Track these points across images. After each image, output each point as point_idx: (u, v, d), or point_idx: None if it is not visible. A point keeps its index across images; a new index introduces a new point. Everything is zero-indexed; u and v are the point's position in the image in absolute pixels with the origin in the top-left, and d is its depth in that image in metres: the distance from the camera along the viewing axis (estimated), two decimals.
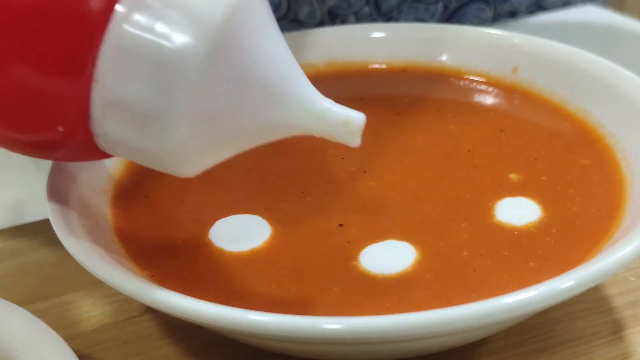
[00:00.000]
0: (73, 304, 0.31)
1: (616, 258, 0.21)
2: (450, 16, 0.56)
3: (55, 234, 0.24)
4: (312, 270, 0.25)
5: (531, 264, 0.24)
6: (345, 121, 0.22)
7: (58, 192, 0.26)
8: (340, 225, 0.27)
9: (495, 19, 0.59)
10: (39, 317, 0.30)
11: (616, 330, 0.27)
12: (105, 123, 0.20)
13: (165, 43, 0.18)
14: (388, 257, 0.25)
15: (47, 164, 0.28)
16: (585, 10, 0.68)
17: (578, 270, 0.21)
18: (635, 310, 0.28)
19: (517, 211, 0.27)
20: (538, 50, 0.36)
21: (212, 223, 0.27)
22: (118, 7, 0.19)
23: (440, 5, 0.54)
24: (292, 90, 0.21)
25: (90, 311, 0.30)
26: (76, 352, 0.28)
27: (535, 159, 0.31)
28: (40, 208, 0.28)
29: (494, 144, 0.32)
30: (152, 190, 0.30)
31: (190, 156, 0.20)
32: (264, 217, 0.28)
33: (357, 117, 0.22)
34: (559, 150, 0.31)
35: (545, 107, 0.35)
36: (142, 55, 0.18)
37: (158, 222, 0.28)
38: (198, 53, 0.18)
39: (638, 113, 0.29)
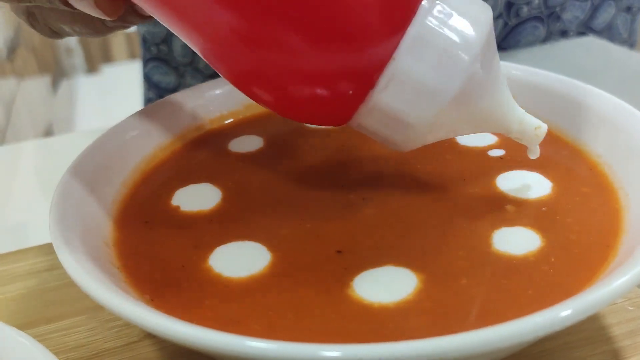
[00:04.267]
0: (74, 329, 0.31)
1: (614, 287, 0.21)
2: (509, 32, 0.58)
3: (57, 258, 0.24)
4: (310, 297, 0.25)
5: (529, 292, 0.24)
6: (537, 126, 0.28)
7: (61, 216, 0.27)
8: (339, 251, 0.27)
9: (547, 38, 0.61)
10: (40, 341, 0.30)
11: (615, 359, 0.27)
12: (382, 93, 0.25)
13: (455, 38, 0.24)
14: (386, 285, 0.25)
15: (50, 189, 0.29)
16: (586, 41, 0.69)
17: (576, 298, 0.21)
18: (633, 339, 0.28)
19: (515, 240, 0.27)
20: (535, 81, 0.36)
21: (212, 249, 0.28)
22: (424, 3, 0.24)
23: (500, 22, 0.57)
24: (504, 102, 0.27)
25: (91, 336, 0.30)
26: None
27: (536, 187, 0.31)
28: (43, 232, 0.29)
29: (491, 173, 0.32)
30: (152, 216, 0.30)
31: (427, 129, 0.26)
32: (263, 244, 0.28)
33: (544, 125, 0.28)
34: (558, 178, 0.31)
35: (545, 137, 0.35)
36: (436, 44, 0.24)
37: (158, 247, 0.28)
38: (476, 48, 0.24)
39: (632, 143, 0.30)
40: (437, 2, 0.24)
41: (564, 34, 0.63)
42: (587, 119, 0.33)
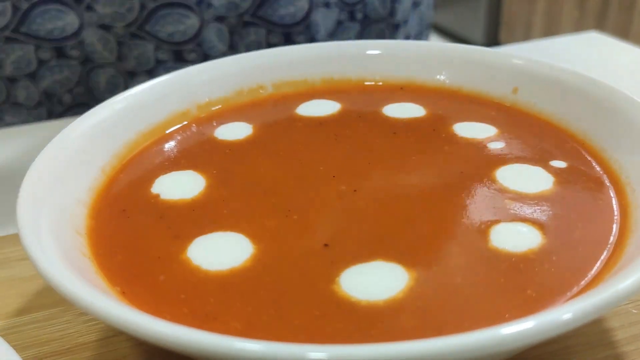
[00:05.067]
0: (47, 321, 0.29)
1: (619, 289, 0.19)
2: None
3: None
4: (292, 293, 0.23)
5: (528, 292, 0.23)
6: None
7: (29, 204, 0.25)
8: (326, 245, 0.25)
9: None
10: (11, 334, 0.29)
11: None
12: None
13: None
14: (375, 281, 0.23)
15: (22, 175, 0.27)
16: (590, 36, 0.68)
17: (578, 301, 0.19)
18: (637, 344, 0.26)
19: (515, 237, 0.26)
20: (538, 71, 0.35)
21: (191, 240, 0.26)
22: None
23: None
24: None
25: (65, 329, 0.29)
26: None
27: (537, 181, 0.29)
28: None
29: (491, 166, 0.31)
30: (130, 204, 0.29)
31: None
32: (246, 236, 0.26)
33: None
34: (562, 173, 0.30)
35: (547, 129, 0.34)
36: None
37: (134, 237, 0.27)
38: None
39: (637, 136, 0.28)
40: None
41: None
42: (594, 111, 0.31)
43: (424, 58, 0.38)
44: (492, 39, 2.29)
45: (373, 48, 0.39)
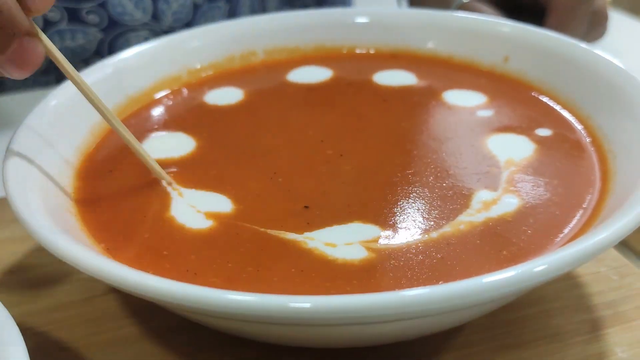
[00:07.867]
0: (39, 280, 0.30)
1: (592, 243, 0.20)
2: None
3: None
4: (271, 251, 0.23)
5: (504, 252, 0.23)
6: None
7: (17, 166, 0.25)
8: (306, 207, 0.26)
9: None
10: (2, 291, 0.29)
11: (594, 329, 0.26)
12: None
13: None
14: (349, 240, 0.24)
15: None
16: None
17: (551, 254, 0.19)
18: (615, 309, 0.27)
19: (494, 200, 0.26)
20: (529, 39, 0.34)
21: (176, 200, 0.26)
22: None
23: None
24: None
25: (56, 287, 0.29)
26: (35, 328, 0.28)
27: (523, 149, 0.29)
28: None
29: (477, 133, 0.31)
30: (118, 165, 0.29)
31: None
32: (228, 196, 0.26)
33: None
34: (547, 141, 0.30)
35: (537, 97, 0.33)
36: None
37: (120, 197, 0.27)
38: None
39: (626, 104, 0.28)
40: None
41: None
42: (582, 78, 0.31)
43: (416, 26, 0.38)
44: None
45: (363, 16, 0.39)
